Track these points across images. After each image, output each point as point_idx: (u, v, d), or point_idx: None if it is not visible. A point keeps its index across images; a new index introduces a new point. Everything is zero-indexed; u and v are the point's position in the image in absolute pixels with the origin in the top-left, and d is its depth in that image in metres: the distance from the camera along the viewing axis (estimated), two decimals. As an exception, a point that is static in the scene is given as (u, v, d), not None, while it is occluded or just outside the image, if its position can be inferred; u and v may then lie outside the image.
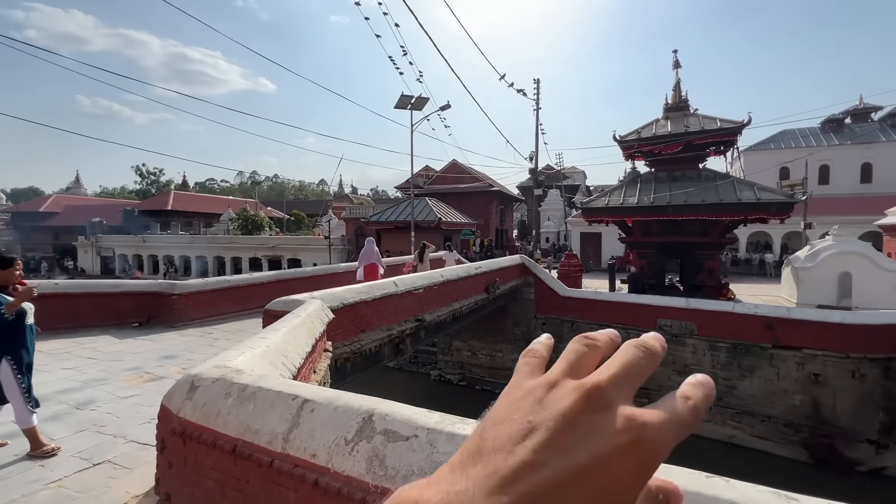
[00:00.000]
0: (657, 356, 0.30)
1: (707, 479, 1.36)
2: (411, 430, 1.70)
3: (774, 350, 11.06)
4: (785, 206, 13.98)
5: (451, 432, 1.66)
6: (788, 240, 27.99)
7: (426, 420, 1.73)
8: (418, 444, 1.65)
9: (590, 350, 0.31)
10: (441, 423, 1.72)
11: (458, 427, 1.69)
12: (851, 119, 35.50)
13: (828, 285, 14.21)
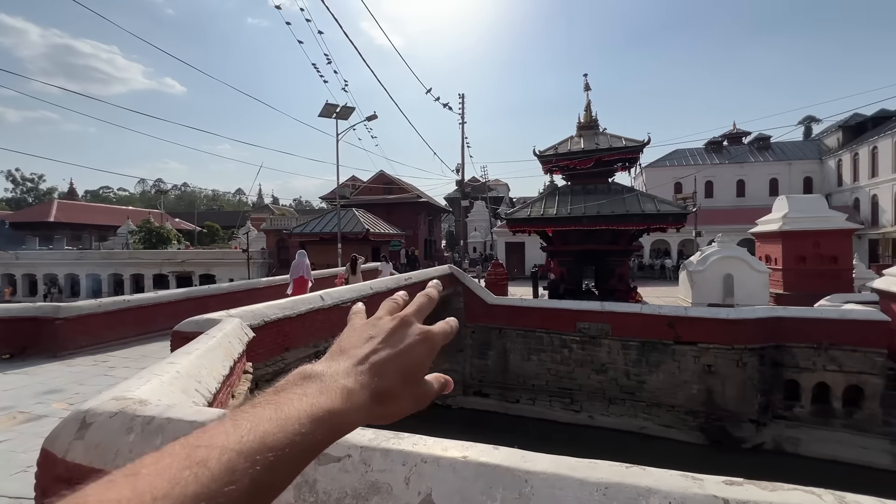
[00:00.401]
0: (434, 299, 0.56)
1: (627, 469, 1.46)
2: (343, 451, 1.63)
3: (675, 346, 12.31)
4: (679, 217, 15.75)
5: (385, 448, 1.62)
6: (684, 246, 31.53)
7: (359, 438, 1.67)
8: (351, 463, 1.59)
9: (395, 304, 0.56)
10: (375, 439, 1.67)
11: (393, 442, 1.65)
12: (728, 142, 41.14)
13: (715, 286, 16.20)
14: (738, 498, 1.28)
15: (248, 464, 0.33)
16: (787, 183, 36.00)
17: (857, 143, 31.42)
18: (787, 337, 11.97)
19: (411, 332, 0.49)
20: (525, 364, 14.14)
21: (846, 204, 31.12)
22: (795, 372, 11.83)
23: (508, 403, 14.07)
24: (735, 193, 37.41)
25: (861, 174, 30.80)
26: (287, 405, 0.38)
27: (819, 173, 35.94)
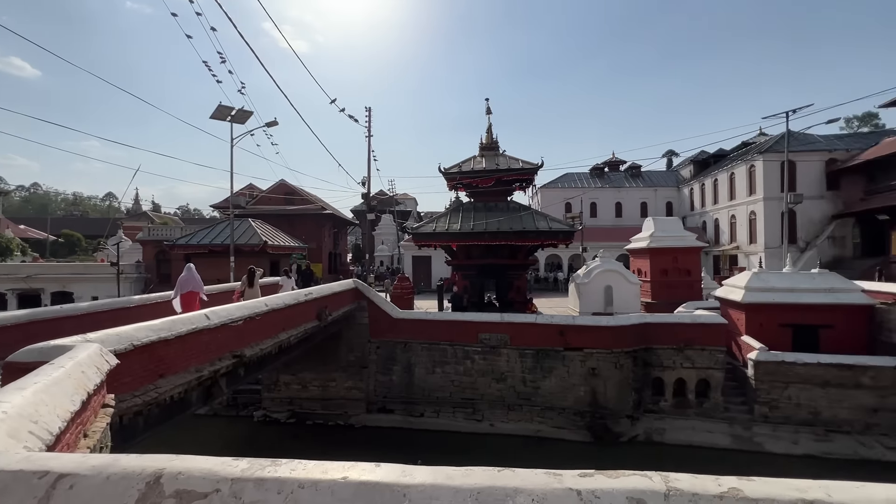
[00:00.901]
0: None
1: (498, 473, 1.56)
2: (212, 485, 1.51)
3: (566, 352, 13.42)
4: (568, 234, 17.35)
5: (259, 477, 1.53)
6: (573, 261, 34.68)
7: (230, 470, 1.55)
8: (220, 498, 1.47)
9: None
10: (248, 469, 1.57)
11: (269, 470, 1.57)
12: (608, 168, 46.56)
13: (598, 296, 18.06)
14: (588, 488, 1.45)
15: None
16: (653, 206, 41.84)
17: (703, 175, 37.83)
18: (654, 340, 13.78)
19: None
20: (430, 377, 14.27)
21: (696, 226, 37.08)
22: (660, 370, 13.63)
23: (413, 418, 14.03)
24: (614, 214, 42.36)
25: (707, 201, 37.07)
26: None
27: (677, 199, 42.41)
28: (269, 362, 9.06)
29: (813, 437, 12.27)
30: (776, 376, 12.75)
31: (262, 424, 14.52)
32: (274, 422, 14.52)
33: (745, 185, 30.86)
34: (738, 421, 12.97)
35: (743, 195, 31.07)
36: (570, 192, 40.94)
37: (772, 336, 13.67)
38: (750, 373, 13.04)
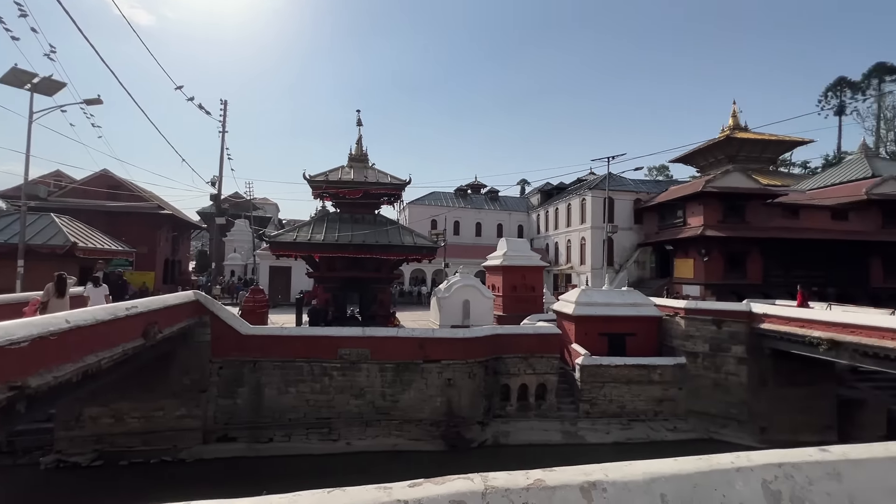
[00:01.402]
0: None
1: (328, 494, 1.53)
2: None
3: (425, 364, 13.82)
4: (432, 250, 18.09)
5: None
6: (437, 275, 36.18)
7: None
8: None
9: None
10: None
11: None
12: (471, 191, 50.21)
13: (457, 309, 19.14)
14: (415, 497, 1.51)
15: None
16: (508, 228, 46.48)
17: (548, 203, 43.62)
18: (504, 350, 15.13)
19: None
20: (282, 398, 13.23)
21: (541, 247, 42.34)
22: (507, 377, 14.99)
23: (260, 445, 12.77)
24: (475, 233, 45.74)
25: (550, 226, 42.73)
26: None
27: (527, 223, 47.92)
28: (66, 393, 7.32)
29: (619, 427, 14.81)
30: (596, 378, 15.12)
31: (54, 472, 11.56)
32: (72, 467, 11.68)
33: (578, 215, 36.41)
34: (568, 418, 14.96)
35: (577, 223, 36.58)
36: (436, 210, 42.87)
37: (594, 343, 16.21)
38: (577, 376, 15.21)
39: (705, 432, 14.80)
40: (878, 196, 26.16)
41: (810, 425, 14.62)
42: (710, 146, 39.06)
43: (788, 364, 14.42)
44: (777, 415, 14.63)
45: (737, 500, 1.77)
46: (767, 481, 1.86)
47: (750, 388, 14.72)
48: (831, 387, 15.35)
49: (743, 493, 1.80)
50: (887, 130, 52.46)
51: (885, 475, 2.01)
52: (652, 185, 39.58)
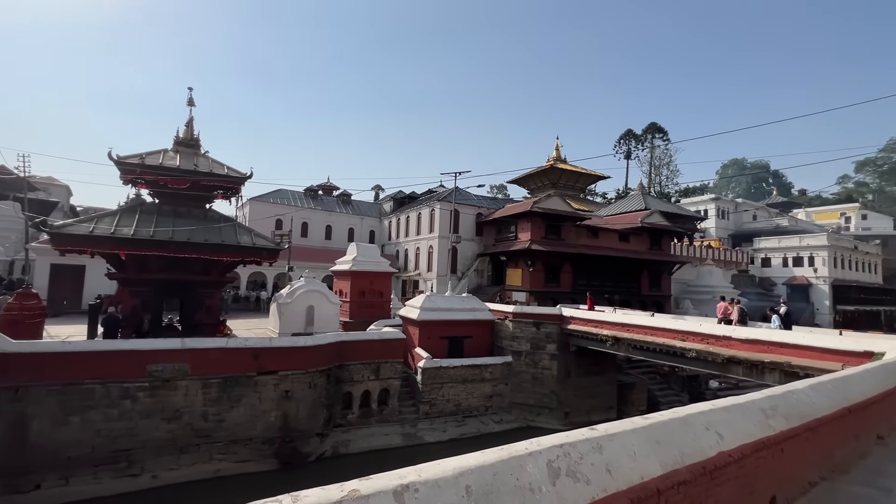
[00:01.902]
0: None
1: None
2: None
3: (259, 377, 12.62)
4: (273, 252, 16.70)
5: None
6: (279, 279, 33.52)
7: None
8: None
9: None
10: None
11: None
12: (322, 192, 48.20)
13: (300, 316, 18.02)
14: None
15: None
16: (360, 232, 45.96)
17: (400, 211, 44.68)
18: (348, 357, 14.81)
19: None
20: (60, 431, 10.50)
21: (392, 254, 43.03)
22: (351, 385, 14.71)
23: (19, 495, 9.84)
24: (325, 236, 43.94)
25: (401, 233, 43.77)
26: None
27: (379, 228, 48.17)
28: None
29: (455, 424, 15.89)
30: (435, 379, 15.94)
31: None
32: None
33: (427, 224, 38.17)
34: (408, 421, 15.40)
35: (426, 232, 38.29)
36: (282, 209, 39.87)
37: (436, 347, 17.09)
38: (419, 378, 15.80)
39: (524, 421, 16.92)
40: (648, 224, 33.96)
41: (599, 407, 18.01)
42: (538, 172, 45.38)
43: (586, 358, 17.54)
44: (577, 401, 17.63)
45: (527, 480, 2.05)
46: (551, 461, 2.20)
47: (558, 380, 17.42)
48: (614, 375, 19.20)
49: (532, 474, 2.09)
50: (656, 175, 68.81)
51: (629, 443, 2.57)
52: (492, 201, 43.98)
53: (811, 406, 3.97)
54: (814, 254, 43.01)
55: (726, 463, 2.90)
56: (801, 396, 4.03)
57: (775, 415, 3.54)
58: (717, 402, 3.48)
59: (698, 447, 2.81)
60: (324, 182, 49.12)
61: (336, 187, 49.77)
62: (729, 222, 52.62)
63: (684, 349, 12.89)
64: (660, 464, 2.54)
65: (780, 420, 3.54)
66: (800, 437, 3.65)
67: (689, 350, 12.76)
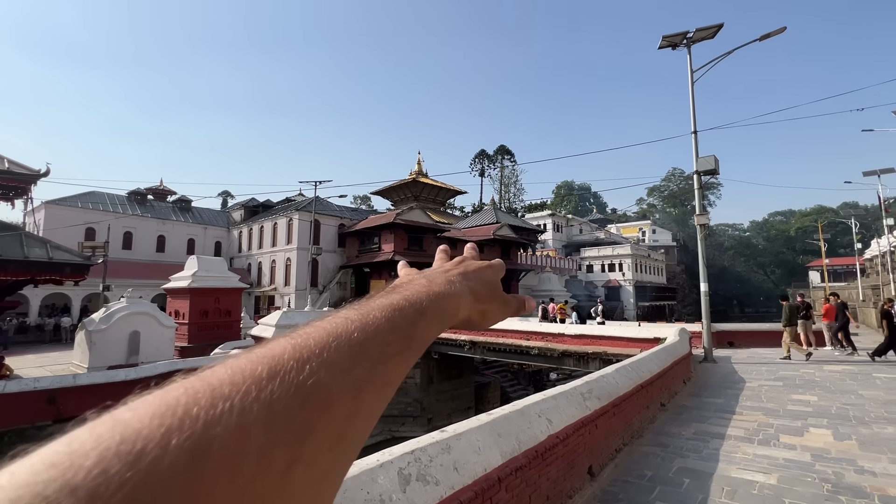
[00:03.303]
0: (477, 250, 0.65)
1: None
2: None
3: (56, 426, 10.02)
4: (80, 268, 13.59)
5: None
6: (89, 301, 27.42)
7: None
8: None
9: (446, 251, 0.64)
10: None
11: None
12: (153, 196, 41.23)
13: (119, 345, 14.99)
14: None
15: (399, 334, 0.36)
16: (202, 244, 40.40)
17: (253, 220, 40.75)
18: (185, 388, 12.80)
19: (477, 262, 0.58)
20: None
21: (242, 267, 38.90)
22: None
23: None
24: (156, 248, 37.51)
25: (253, 245, 39.90)
26: (413, 290, 0.42)
27: (227, 239, 43.09)
28: None
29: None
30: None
31: None
32: None
33: (284, 235, 35.63)
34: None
35: (283, 243, 35.68)
36: (94, 216, 32.89)
37: (293, 366, 15.93)
38: (274, 403, 14.50)
39: (389, 433, 16.87)
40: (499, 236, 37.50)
41: (459, 409, 19.01)
42: (401, 185, 46.42)
43: (447, 363, 18.39)
44: (439, 405, 18.32)
45: (377, 492, 2.05)
46: (402, 468, 2.25)
47: (422, 387, 17.87)
48: (472, 377, 20.52)
49: (383, 485, 2.11)
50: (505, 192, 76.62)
51: (474, 439, 2.78)
52: (354, 212, 43.32)
53: (616, 386, 4.84)
54: (622, 261, 52.90)
55: (554, 444, 3.35)
56: (609, 379, 4.88)
57: (591, 397, 4.23)
58: (549, 391, 4.00)
59: (532, 434, 3.19)
60: (155, 185, 42.09)
61: (171, 192, 43.14)
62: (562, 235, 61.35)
63: (529, 347, 14.50)
64: (500, 454, 2.80)
65: (595, 401, 4.23)
66: (608, 413, 4.43)
67: (533, 348, 14.41)
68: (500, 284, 0.58)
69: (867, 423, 5.53)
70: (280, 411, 0.24)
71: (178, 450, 0.20)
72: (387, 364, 0.33)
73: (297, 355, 0.27)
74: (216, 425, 0.22)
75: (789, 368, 9.54)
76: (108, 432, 0.20)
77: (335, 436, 0.27)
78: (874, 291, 30.13)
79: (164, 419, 0.21)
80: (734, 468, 4.17)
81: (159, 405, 0.22)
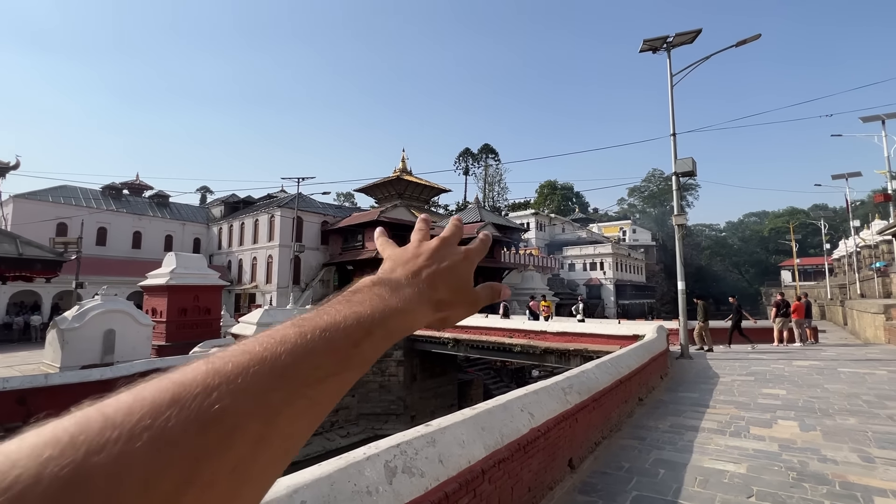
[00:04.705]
0: (461, 227, 0.60)
1: None
2: None
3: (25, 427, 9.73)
4: (52, 265, 13.20)
5: None
6: (61, 299, 26.56)
7: None
8: None
9: (425, 225, 0.61)
10: None
11: None
12: (129, 191, 40.09)
13: (94, 343, 14.58)
14: None
15: (346, 345, 0.36)
16: (181, 241, 39.44)
17: (233, 217, 40.00)
18: (163, 387, 12.56)
19: (453, 252, 0.55)
20: None
21: (222, 264, 38.17)
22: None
23: None
24: (131, 244, 36.49)
25: (234, 242, 39.18)
26: (367, 303, 0.41)
27: (206, 236, 42.19)
28: None
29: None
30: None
31: None
32: None
33: (266, 232, 35.10)
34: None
35: (264, 240, 35.15)
36: (66, 210, 31.83)
37: (275, 365, 15.76)
38: (255, 402, 14.33)
39: (372, 431, 16.86)
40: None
41: (442, 406, 19.09)
42: (385, 182, 46.17)
43: (430, 361, 18.45)
44: (422, 403, 18.37)
45: (364, 484, 2.10)
46: (388, 461, 2.30)
47: (405, 385, 17.89)
48: (455, 374, 20.63)
49: (370, 477, 2.16)
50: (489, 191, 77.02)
51: (459, 433, 2.85)
52: (338, 209, 42.96)
53: (596, 382, 4.98)
54: (603, 260, 53.79)
55: (536, 437, 3.44)
56: (589, 375, 5.01)
57: (571, 391, 4.34)
58: (531, 386, 4.10)
59: (515, 427, 3.28)
60: (131, 180, 40.97)
61: (148, 186, 42.07)
62: (545, 234, 62.03)
63: (511, 345, 14.67)
64: (484, 447, 2.88)
65: (575, 395, 4.35)
66: (588, 407, 4.55)
67: (516, 345, 14.59)
68: (471, 280, 0.56)
69: (831, 414, 5.81)
70: (173, 438, 0.25)
71: (51, 478, 0.21)
72: (314, 387, 0.33)
73: (206, 381, 0.28)
74: (98, 453, 0.22)
75: (761, 364, 9.91)
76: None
77: (237, 459, 0.27)
78: (841, 290, 31.42)
79: (45, 449, 0.22)
80: (707, 459, 4.35)
81: (47, 435, 0.23)
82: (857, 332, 16.30)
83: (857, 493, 3.55)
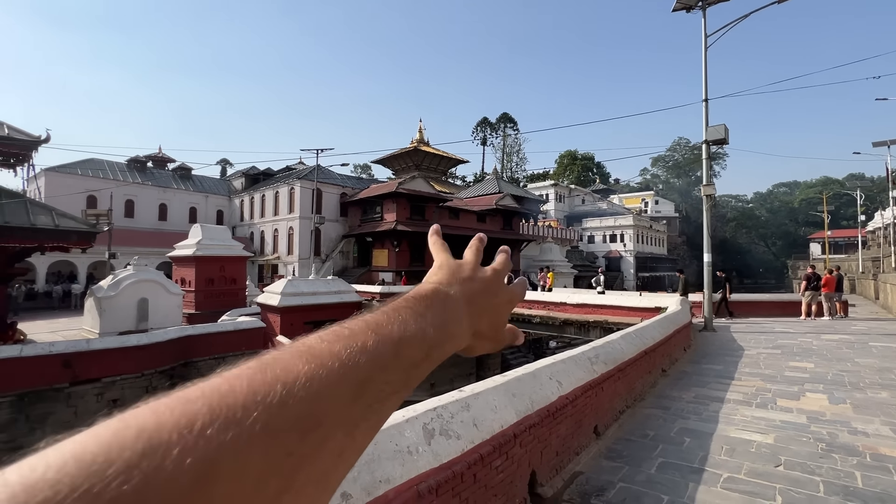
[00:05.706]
0: (510, 261, 0.60)
1: None
2: None
3: (72, 388, 10.39)
4: (87, 236, 13.66)
5: None
6: (95, 269, 27.69)
7: None
8: None
9: (480, 245, 0.58)
10: None
11: None
12: (153, 164, 40.83)
13: (128, 311, 15.27)
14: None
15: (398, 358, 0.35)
16: (204, 212, 40.30)
17: (254, 189, 40.49)
18: (197, 352, 13.16)
19: (501, 291, 0.54)
20: None
21: (245, 236, 38.97)
22: (201, 383, 13.13)
23: None
24: (157, 216, 37.48)
25: (255, 214, 39.82)
26: (428, 320, 0.41)
27: (228, 208, 42.97)
28: None
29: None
30: (301, 366, 15.24)
31: None
32: None
33: (286, 204, 35.51)
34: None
35: (285, 212, 35.61)
36: (95, 183, 32.70)
37: (299, 333, 16.16)
38: (282, 368, 14.90)
39: (394, 397, 17.43)
40: (501, 206, 37.33)
41: (460, 375, 19.50)
42: (402, 154, 45.79)
43: (450, 331, 18.73)
44: (440, 371, 18.78)
45: (405, 444, 2.19)
46: (426, 424, 2.38)
47: (425, 354, 18.29)
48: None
49: (410, 438, 2.24)
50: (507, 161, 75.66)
51: (491, 398, 2.92)
52: (356, 181, 42.96)
53: (621, 352, 4.99)
54: (623, 231, 52.86)
55: (564, 405, 3.50)
56: (615, 345, 5.02)
57: (598, 361, 4.37)
58: (558, 355, 4.14)
59: (544, 395, 3.33)
60: (154, 152, 41.61)
61: (171, 159, 42.70)
62: (564, 205, 61.08)
63: (531, 315, 14.75)
64: (515, 412, 2.94)
65: (601, 365, 4.38)
66: (614, 377, 4.58)
67: (535, 316, 14.66)
68: (506, 322, 0.56)
69: (861, 388, 5.72)
70: (281, 442, 0.25)
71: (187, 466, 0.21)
72: (383, 402, 0.32)
73: (307, 384, 0.27)
74: (220, 445, 0.23)
75: (788, 337, 9.75)
76: (132, 440, 0.21)
77: (322, 472, 0.27)
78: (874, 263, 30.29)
79: (182, 431, 0.22)
80: (733, 429, 4.37)
81: (181, 413, 0.23)
82: (890, 307, 15.80)
83: (890, 465, 3.53)
